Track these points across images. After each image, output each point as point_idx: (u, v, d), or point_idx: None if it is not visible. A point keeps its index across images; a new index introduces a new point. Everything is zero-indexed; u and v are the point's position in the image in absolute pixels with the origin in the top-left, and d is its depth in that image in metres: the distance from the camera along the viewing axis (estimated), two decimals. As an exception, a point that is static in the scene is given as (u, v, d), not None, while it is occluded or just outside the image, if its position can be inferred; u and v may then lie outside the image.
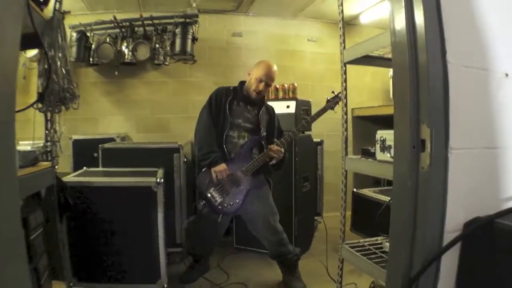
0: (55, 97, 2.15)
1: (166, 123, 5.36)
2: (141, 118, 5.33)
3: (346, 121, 2.17)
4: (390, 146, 1.77)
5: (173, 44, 4.86)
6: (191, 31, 4.80)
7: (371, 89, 6.02)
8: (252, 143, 3.12)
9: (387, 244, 2.05)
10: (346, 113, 2.16)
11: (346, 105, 2.16)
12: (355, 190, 4.13)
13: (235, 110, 3.15)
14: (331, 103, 3.11)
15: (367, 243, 2.26)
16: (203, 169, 3.08)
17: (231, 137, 3.11)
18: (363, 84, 5.95)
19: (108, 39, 4.88)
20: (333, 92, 3.13)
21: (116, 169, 3.54)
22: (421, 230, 1.28)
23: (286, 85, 4.24)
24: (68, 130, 4.86)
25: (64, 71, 2.23)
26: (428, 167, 1.23)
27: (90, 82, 5.22)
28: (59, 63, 2.17)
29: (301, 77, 5.50)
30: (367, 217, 3.73)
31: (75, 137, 4.63)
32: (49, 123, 2.24)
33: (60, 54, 2.25)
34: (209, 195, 3.01)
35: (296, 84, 4.24)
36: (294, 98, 4.12)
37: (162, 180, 2.94)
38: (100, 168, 3.72)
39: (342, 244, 2.25)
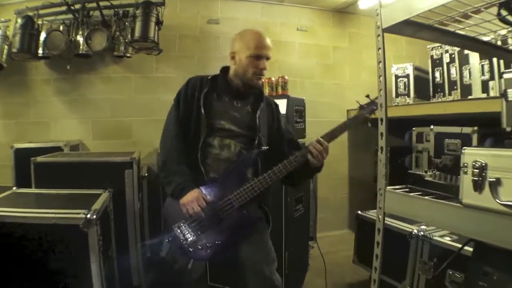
0: None
1: (128, 128, 4.52)
2: (98, 122, 4.51)
3: (384, 130, 1.28)
4: (498, 181, 0.89)
5: (133, 30, 3.93)
6: (155, 12, 3.86)
7: (369, 88, 5.16)
8: (247, 161, 2.14)
9: None
10: (385, 116, 1.27)
11: (385, 104, 1.28)
12: (359, 212, 3.34)
13: (215, 106, 2.18)
14: (366, 110, 2.21)
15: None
16: None
17: (209, 147, 2.13)
18: (359, 82, 5.25)
19: (61, 27, 4.09)
20: (367, 96, 2.25)
21: (53, 191, 2.78)
22: None
23: (273, 79, 3.35)
24: (16, 136, 4.27)
25: None
26: None
27: (42, 79, 4.43)
28: None
29: (289, 72, 4.61)
30: (373, 245, 2.90)
31: (17, 145, 3.84)
32: None
33: None
34: (177, 230, 2.03)
35: (286, 77, 3.36)
36: (285, 95, 3.21)
37: (96, 214, 2.03)
38: (33, 190, 2.95)
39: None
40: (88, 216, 2.01)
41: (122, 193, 2.92)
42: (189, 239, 2.00)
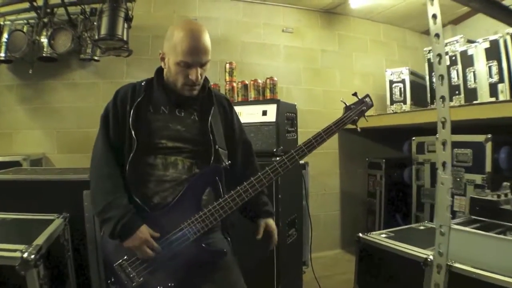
0: None
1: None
2: (64, 133, 4.09)
3: (448, 137, 0.86)
4: None
5: (100, 28, 3.47)
6: (124, 7, 3.40)
7: (361, 95, 4.91)
8: (203, 181, 1.68)
9: None
10: (448, 117, 0.85)
11: (447, 98, 0.86)
12: (361, 235, 2.92)
13: (152, 121, 1.71)
14: (353, 112, 1.81)
15: None
16: None
17: (151, 168, 1.67)
18: (350, 89, 4.79)
19: (25, 28, 3.74)
20: (354, 94, 1.86)
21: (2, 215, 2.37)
22: None
23: (260, 81, 2.91)
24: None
25: None
26: None
27: (4, 85, 4.05)
28: None
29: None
30: (378, 273, 2.58)
31: (-31, 160, 3.41)
32: None
33: None
34: (119, 270, 1.57)
35: (276, 79, 2.93)
36: (274, 100, 2.75)
37: (37, 252, 1.56)
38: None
39: None
40: (25, 255, 1.52)
41: (81, 218, 2.45)
42: (135, 280, 1.54)
